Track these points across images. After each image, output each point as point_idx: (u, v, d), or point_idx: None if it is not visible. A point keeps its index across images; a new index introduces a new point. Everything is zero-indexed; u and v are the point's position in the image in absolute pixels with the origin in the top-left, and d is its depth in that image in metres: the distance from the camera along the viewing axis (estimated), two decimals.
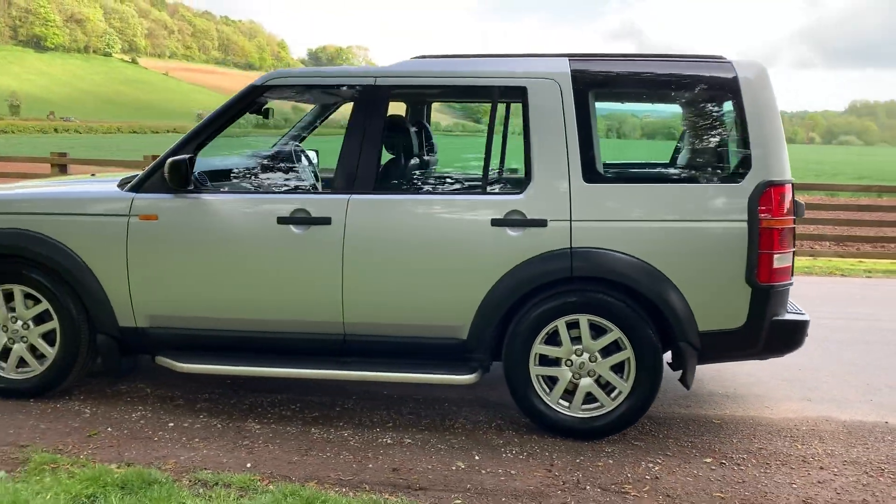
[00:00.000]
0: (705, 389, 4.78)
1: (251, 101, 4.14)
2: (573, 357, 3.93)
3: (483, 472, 3.59)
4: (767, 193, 3.79)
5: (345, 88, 4.16)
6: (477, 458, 3.75)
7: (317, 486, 3.38)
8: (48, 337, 4.28)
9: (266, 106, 4.29)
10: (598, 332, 3.91)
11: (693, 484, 3.52)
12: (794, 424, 4.27)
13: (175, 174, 3.92)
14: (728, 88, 3.89)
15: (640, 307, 3.85)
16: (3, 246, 4.18)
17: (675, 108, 4.35)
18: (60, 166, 10.03)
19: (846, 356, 5.56)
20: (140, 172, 4.45)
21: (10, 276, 4.22)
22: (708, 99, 3.97)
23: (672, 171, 4.16)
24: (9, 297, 4.27)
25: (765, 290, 3.83)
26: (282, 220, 3.99)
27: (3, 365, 4.32)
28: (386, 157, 4.59)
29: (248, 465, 3.60)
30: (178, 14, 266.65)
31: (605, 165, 3.98)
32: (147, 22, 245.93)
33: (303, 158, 4.88)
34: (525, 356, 3.94)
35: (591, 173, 3.86)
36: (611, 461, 3.74)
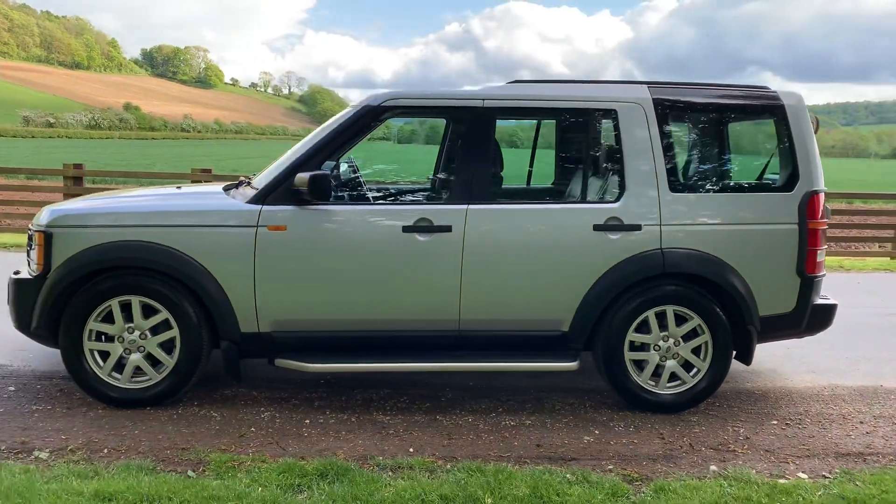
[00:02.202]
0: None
1: (369, 120, 4.49)
2: (660, 342, 4.58)
3: (610, 443, 4.17)
4: (812, 200, 4.63)
5: (455, 109, 4.59)
6: (596, 432, 4.32)
7: (483, 462, 3.82)
8: (163, 346, 4.40)
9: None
10: (679, 320, 4.59)
11: (778, 441, 4.27)
12: (816, 391, 5.15)
13: (318, 188, 4.20)
14: (777, 114, 4.69)
15: (715, 298, 4.57)
16: (127, 258, 4.27)
17: (736, 129, 5.11)
18: None
19: (823, 335, 6.57)
20: (244, 182, 4.67)
21: (129, 287, 4.31)
22: (761, 122, 4.77)
23: (739, 182, 4.91)
24: (124, 307, 4.36)
25: (810, 280, 4.67)
26: (406, 229, 4.38)
27: (118, 376, 4.40)
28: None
29: (411, 449, 3.98)
30: None
31: (683, 178, 4.66)
32: None
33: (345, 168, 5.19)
34: (621, 343, 4.55)
35: (675, 184, 4.54)
36: (703, 428, 4.43)
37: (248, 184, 4.89)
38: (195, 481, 3.48)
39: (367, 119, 4.49)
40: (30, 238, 4.56)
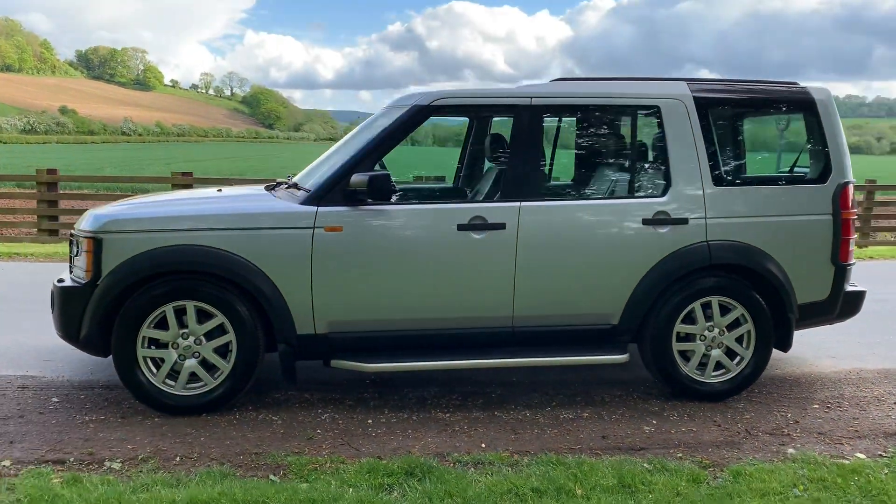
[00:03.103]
0: None
1: (419, 119, 4.50)
2: (706, 332, 4.71)
3: (671, 432, 4.27)
4: (844, 191, 4.81)
5: (503, 108, 4.64)
6: (654, 422, 4.42)
7: (557, 455, 3.87)
8: (217, 351, 4.34)
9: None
10: (723, 310, 4.72)
11: (827, 424, 4.43)
12: (843, 376, 5.35)
13: (379, 188, 4.20)
14: (808, 108, 4.86)
15: (757, 288, 4.71)
16: (183, 262, 4.20)
17: (769, 124, 5.27)
18: None
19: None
20: (283, 183, 4.64)
21: (185, 292, 4.24)
22: (794, 117, 4.93)
23: (775, 175, 5.06)
24: (178, 313, 4.28)
25: (843, 268, 4.85)
26: (461, 227, 4.41)
27: (172, 383, 4.32)
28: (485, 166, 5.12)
29: (483, 445, 4.02)
30: None
31: (724, 172, 4.78)
32: None
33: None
34: (669, 335, 4.66)
35: (717, 178, 4.67)
36: (752, 414, 4.57)
37: (290, 185, 4.86)
38: (285, 485, 3.45)
39: (418, 118, 4.50)
40: (73, 244, 4.44)
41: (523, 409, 4.56)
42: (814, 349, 5.95)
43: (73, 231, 4.52)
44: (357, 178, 4.27)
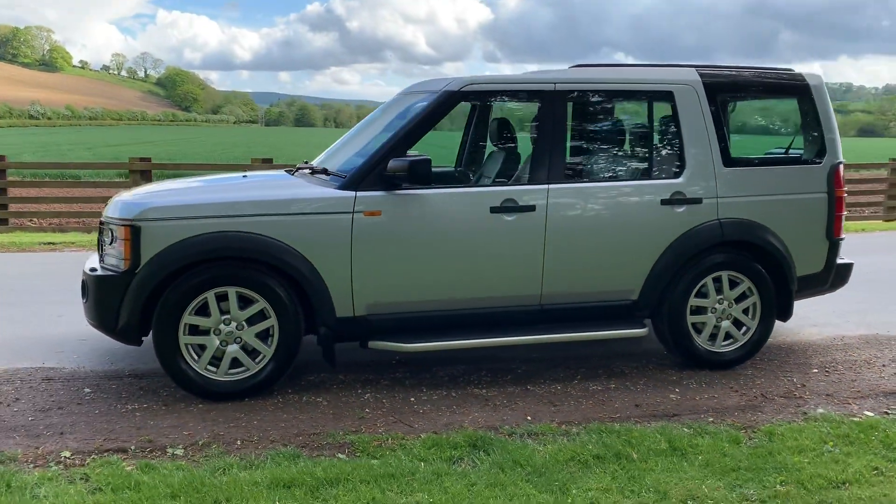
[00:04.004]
0: None
1: (451, 104, 4.62)
2: (716, 305, 5.01)
3: (696, 399, 4.56)
4: (837, 171, 5.18)
5: (529, 93, 4.79)
6: (677, 391, 4.69)
7: (600, 423, 4.10)
8: (259, 336, 4.38)
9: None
10: (732, 284, 5.02)
11: (830, 386, 4.80)
12: (830, 342, 5.76)
13: (419, 173, 4.30)
14: (804, 93, 5.20)
15: (762, 262, 5.03)
16: (226, 248, 4.21)
17: (770, 108, 5.59)
18: None
19: None
20: (303, 168, 4.70)
21: (227, 278, 4.26)
22: (790, 101, 5.26)
23: (779, 156, 5.37)
24: (219, 299, 4.30)
25: (836, 243, 5.24)
26: (494, 210, 4.56)
27: (213, 369, 4.34)
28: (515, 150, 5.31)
29: (529, 417, 4.21)
30: None
31: (732, 153, 5.06)
32: None
33: None
34: (684, 308, 4.94)
35: (727, 159, 4.95)
36: (763, 380, 4.90)
37: (316, 170, 4.92)
38: (360, 462, 3.56)
39: (450, 104, 4.62)
40: (105, 231, 4.39)
41: (553, 383, 4.77)
42: (796, 319, 6.31)
43: (103, 218, 4.46)
44: (396, 163, 4.35)
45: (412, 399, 4.47)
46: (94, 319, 4.38)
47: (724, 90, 5.07)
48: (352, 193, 4.40)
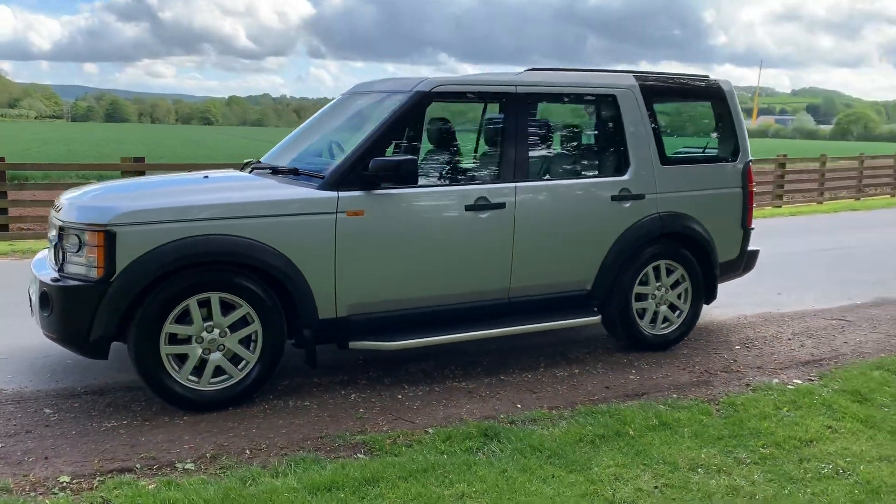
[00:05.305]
0: None
1: (423, 105, 4.72)
2: (656, 292, 5.45)
3: (653, 378, 4.96)
4: (748, 169, 5.81)
5: (493, 95, 4.97)
6: (633, 372, 5.08)
7: (584, 406, 4.38)
8: (241, 342, 4.26)
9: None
10: (668, 272, 5.49)
11: (756, 360, 5.38)
12: (735, 322, 6.42)
13: (406, 172, 4.34)
14: (719, 96, 5.77)
15: (692, 251, 5.54)
16: (211, 252, 4.06)
17: (691, 111, 6.10)
18: None
19: None
20: (290, 168, 4.64)
21: (210, 284, 4.11)
22: (709, 104, 5.82)
23: (704, 154, 5.89)
24: (201, 306, 4.14)
25: (748, 232, 5.87)
26: (469, 208, 4.71)
27: (195, 378, 4.17)
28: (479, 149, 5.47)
29: (518, 406, 4.41)
30: None
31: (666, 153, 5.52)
32: None
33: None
34: (630, 296, 5.33)
35: (664, 158, 5.41)
36: (700, 358, 5.40)
37: (273, 169, 4.86)
38: (385, 460, 3.59)
39: (423, 105, 4.72)
40: (66, 237, 4.07)
41: (522, 372, 5.00)
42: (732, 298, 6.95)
43: (61, 223, 4.13)
44: (381, 162, 4.37)
45: (399, 396, 4.52)
46: (56, 333, 4.06)
47: (655, 94, 5.52)
48: (334, 194, 4.38)
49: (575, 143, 5.43)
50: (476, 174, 4.99)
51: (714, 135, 5.91)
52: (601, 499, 3.31)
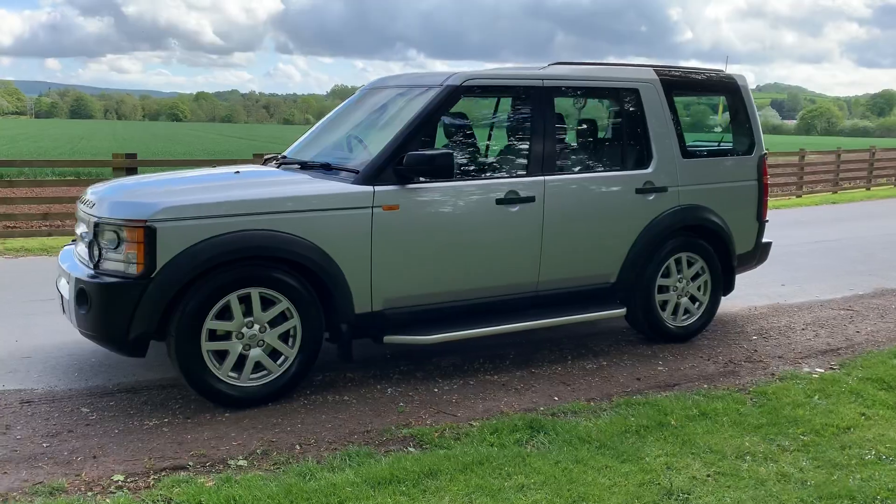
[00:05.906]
0: None
1: (453, 99, 4.71)
2: (678, 284, 5.52)
3: (681, 369, 5.02)
4: (763, 162, 5.89)
5: (520, 89, 4.98)
6: (660, 363, 5.14)
7: (620, 397, 4.42)
8: (280, 337, 4.24)
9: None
10: (688, 264, 5.56)
11: (776, 350, 5.47)
12: (748, 313, 6.51)
13: (442, 166, 4.34)
14: (734, 91, 5.85)
15: (712, 244, 5.61)
16: (250, 247, 4.03)
17: (708, 104, 6.16)
18: None
19: None
20: (275, 160, 4.61)
21: (251, 279, 4.08)
22: (724, 98, 5.89)
23: (723, 148, 5.96)
24: (242, 301, 4.10)
25: (763, 224, 5.96)
26: (499, 201, 4.72)
27: (235, 374, 4.14)
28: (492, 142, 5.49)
29: (556, 398, 4.44)
30: None
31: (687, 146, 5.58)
32: None
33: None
34: (653, 288, 5.39)
35: (685, 151, 5.47)
36: (722, 349, 5.48)
37: (302, 164, 4.84)
38: (438, 453, 3.59)
39: (453, 99, 4.72)
40: (105, 233, 4.01)
41: (551, 365, 5.03)
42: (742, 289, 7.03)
43: (96, 219, 4.07)
44: (415, 156, 4.37)
45: (435, 390, 4.53)
46: (95, 331, 4.00)
47: (675, 87, 5.57)
48: (370, 188, 4.36)
49: (600, 137, 5.47)
50: (505, 168, 4.99)
51: (730, 129, 5.98)
52: (658, 488, 3.35)
